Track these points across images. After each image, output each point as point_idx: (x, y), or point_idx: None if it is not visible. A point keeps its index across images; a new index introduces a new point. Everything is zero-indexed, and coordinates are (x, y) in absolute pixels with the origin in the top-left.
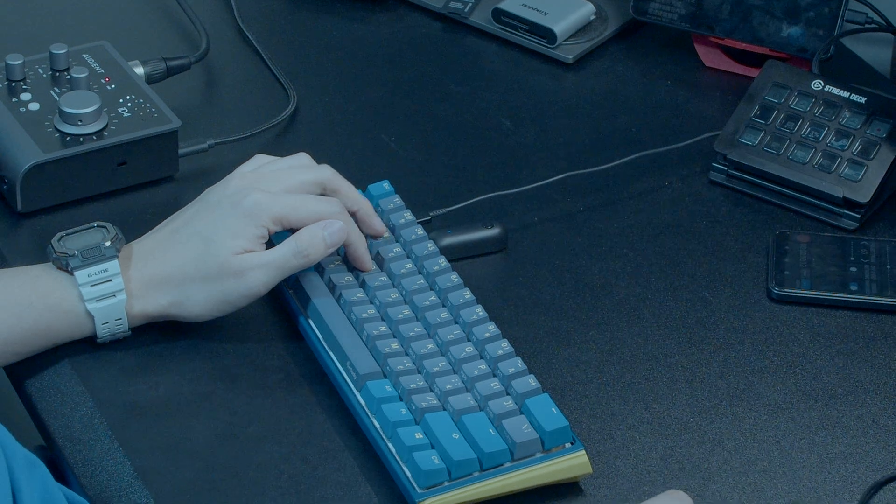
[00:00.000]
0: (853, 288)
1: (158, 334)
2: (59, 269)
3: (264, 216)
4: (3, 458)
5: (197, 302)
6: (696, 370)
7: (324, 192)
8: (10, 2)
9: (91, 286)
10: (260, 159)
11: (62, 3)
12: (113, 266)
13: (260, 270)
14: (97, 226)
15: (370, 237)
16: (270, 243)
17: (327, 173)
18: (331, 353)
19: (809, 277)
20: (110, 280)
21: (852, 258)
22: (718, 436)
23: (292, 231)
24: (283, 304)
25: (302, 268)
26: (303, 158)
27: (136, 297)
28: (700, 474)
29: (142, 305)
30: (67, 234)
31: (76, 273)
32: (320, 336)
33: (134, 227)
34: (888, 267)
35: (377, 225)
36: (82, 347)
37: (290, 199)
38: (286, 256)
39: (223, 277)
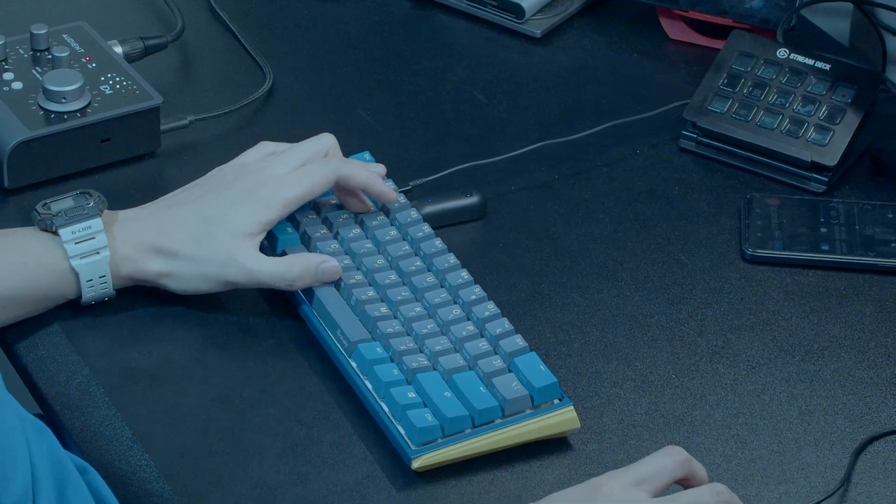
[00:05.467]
0: (824, 248)
1: (146, 303)
2: (44, 230)
3: (271, 212)
4: (20, 426)
5: (184, 278)
6: (676, 329)
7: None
8: None
9: (75, 243)
10: (265, 147)
11: None
12: (96, 223)
13: (245, 275)
14: (80, 192)
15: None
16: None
17: (335, 164)
18: (321, 320)
19: (781, 238)
20: (94, 237)
21: (822, 219)
22: (700, 391)
23: None
24: None
25: (283, 289)
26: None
27: (128, 258)
28: (684, 428)
29: (131, 268)
30: (52, 200)
31: (60, 231)
32: (310, 304)
33: (118, 202)
34: (857, 227)
35: (389, 193)
36: (74, 317)
37: (294, 183)
38: (273, 278)
39: (211, 262)
